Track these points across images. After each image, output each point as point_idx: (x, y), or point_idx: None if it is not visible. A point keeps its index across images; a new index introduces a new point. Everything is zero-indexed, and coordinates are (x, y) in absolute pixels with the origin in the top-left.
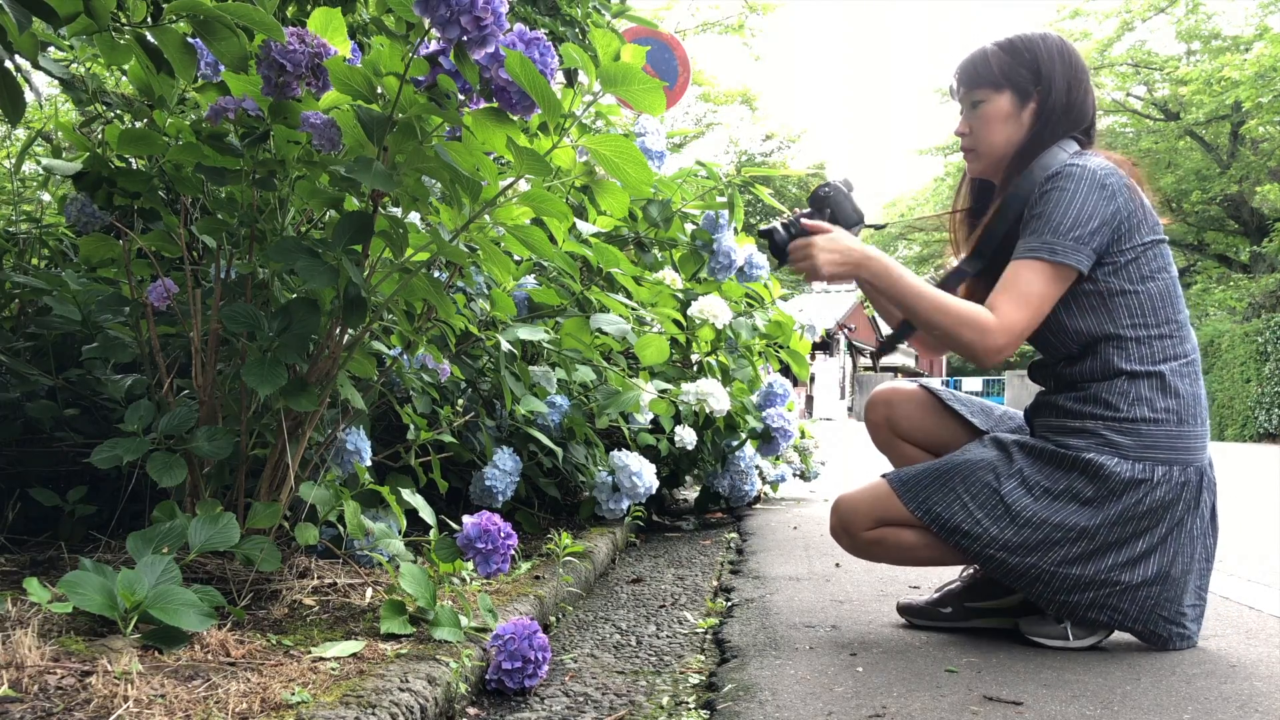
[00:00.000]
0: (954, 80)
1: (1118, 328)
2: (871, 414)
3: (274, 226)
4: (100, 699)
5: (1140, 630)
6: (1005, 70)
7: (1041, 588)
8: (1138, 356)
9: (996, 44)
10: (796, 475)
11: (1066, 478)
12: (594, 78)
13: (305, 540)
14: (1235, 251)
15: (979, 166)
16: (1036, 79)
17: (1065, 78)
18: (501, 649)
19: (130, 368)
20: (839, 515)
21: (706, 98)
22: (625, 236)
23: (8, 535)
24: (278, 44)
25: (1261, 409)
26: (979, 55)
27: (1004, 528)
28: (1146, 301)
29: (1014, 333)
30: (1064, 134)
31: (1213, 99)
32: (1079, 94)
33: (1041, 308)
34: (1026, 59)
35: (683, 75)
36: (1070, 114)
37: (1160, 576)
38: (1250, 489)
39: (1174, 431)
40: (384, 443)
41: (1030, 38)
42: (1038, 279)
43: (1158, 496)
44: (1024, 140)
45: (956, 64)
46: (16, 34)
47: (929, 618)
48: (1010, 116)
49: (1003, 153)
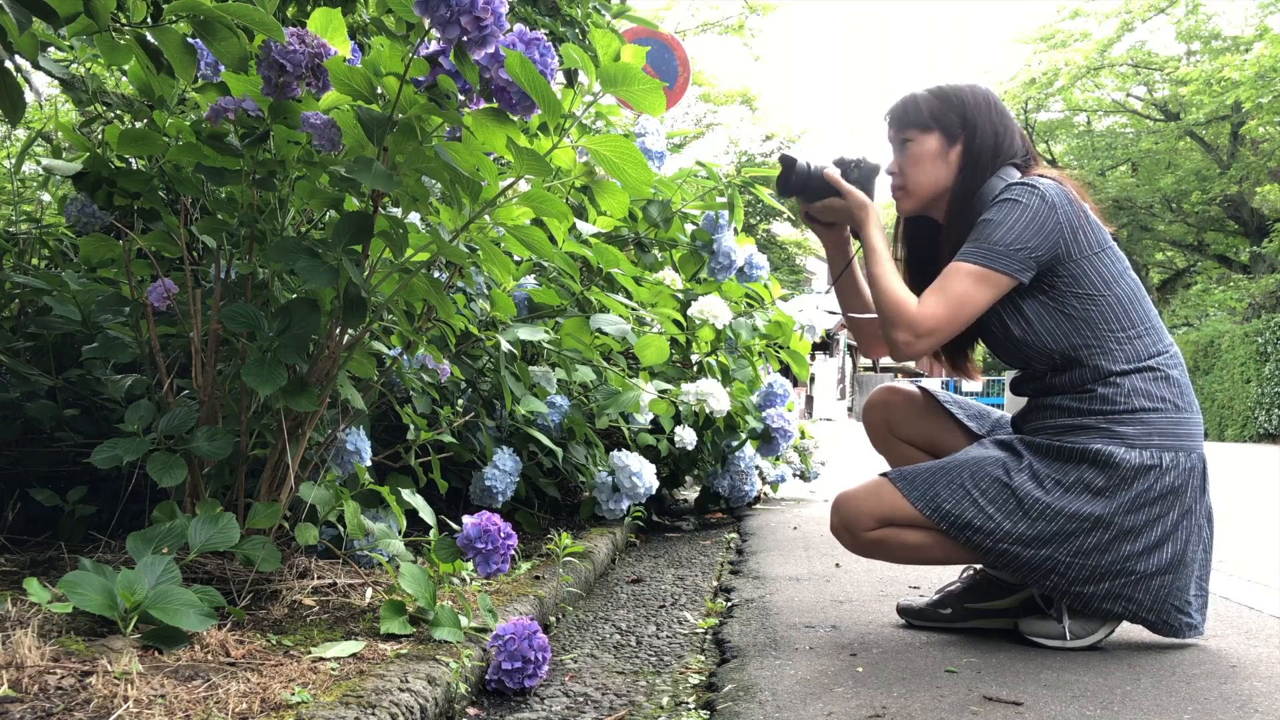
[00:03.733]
0: (885, 121)
1: (1096, 336)
2: (870, 416)
3: (274, 226)
4: (100, 699)
5: (1153, 620)
6: (934, 112)
7: (1056, 579)
8: (1124, 357)
9: (927, 90)
10: (796, 475)
11: (1076, 470)
12: (594, 78)
13: (305, 540)
14: (1235, 252)
15: (909, 205)
16: (963, 122)
17: (990, 122)
18: (501, 649)
19: (130, 368)
20: (840, 514)
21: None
22: (625, 237)
23: (8, 535)
24: (278, 44)
25: (1261, 409)
26: (909, 99)
27: (1017, 521)
28: (1116, 305)
29: (927, 327)
30: (997, 169)
31: (1213, 99)
32: (1005, 138)
33: (963, 308)
34: (954, 103)
35: (683, 75)
36: (999, 155)
37: (1173, 564)
38: (1250, 489)
39: (1174, 418)
40: (384, 443)
41: (959, 86)
42: (965, 280)
43: (1167, 482)
44: (953, 181)
45: (887, 108)
46: (16, 34)
47: (929, 619)
48: (938, 156)
49: (931, 191)
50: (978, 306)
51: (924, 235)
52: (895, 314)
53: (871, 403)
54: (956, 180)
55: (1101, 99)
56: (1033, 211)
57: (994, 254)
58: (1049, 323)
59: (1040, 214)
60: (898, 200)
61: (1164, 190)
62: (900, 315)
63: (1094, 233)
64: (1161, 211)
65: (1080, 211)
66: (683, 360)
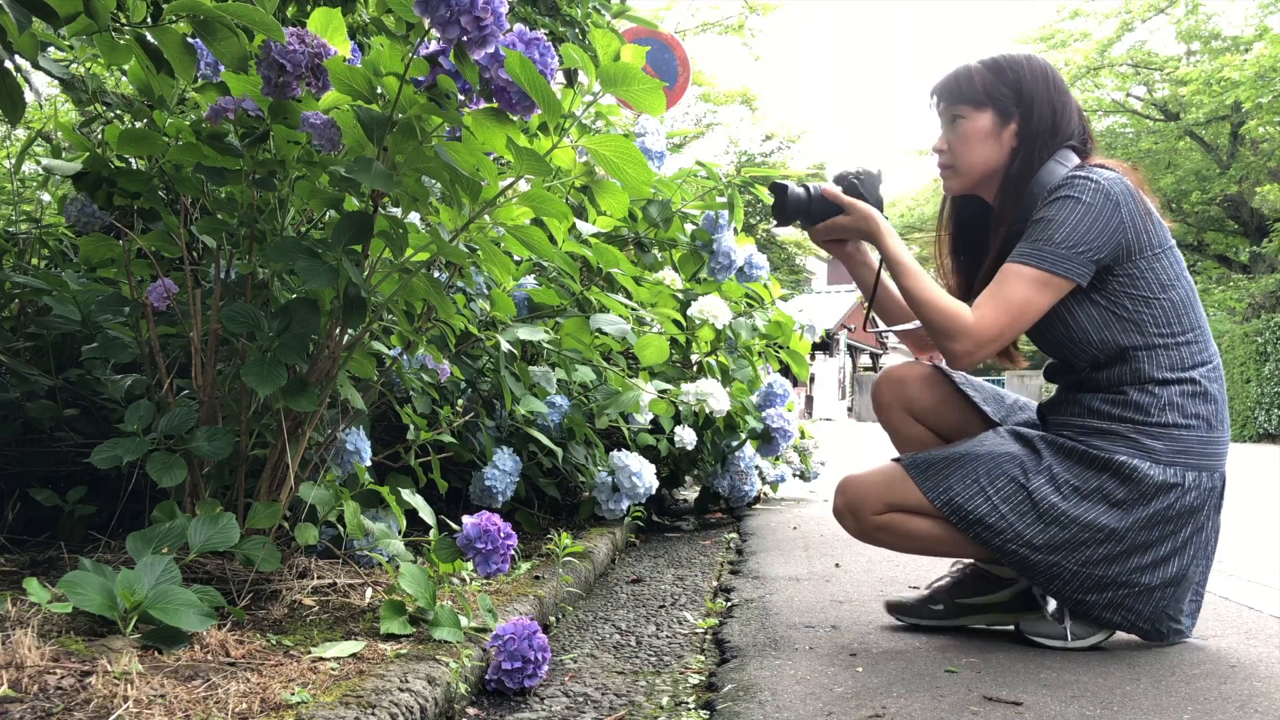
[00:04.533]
0: (934, 96)
1: (1145, 337)
2: (883, 392)
3: (274, 226)
4: (100, 699)
5: (1147, 629)
6: (988, 88)
7: (1061, 585)
8: (1168, 364)
9: (981, 62)
10: (796, 475)
11: (1097, 478)
12: (594, 78)
13: (305, 540)
14: (1235, 252)
15: (956, 184)
16: (1018, 99)
17: (1048, 100)
18: (501, 649)
19: (130, 368)
20: (846, 496)
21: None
22: (625, 236)
23: (8, 535)
24: (278, 44)
25: (1261, 409)
26: (962, 71)
27: (1029, 524)
28: (1170, 309)
29: (988, 336)
30: (1055, 150)
31: (1212, 99)
32: (1063, 116)
33: (1024, 315)
34: (1010, 79)
35: (683, 75)
36: (1057, 135)
37: (1177, 579)
38: (1250, 489)
39: (1205, 438)
40: (384, 443)
41: (1015, 59)
42: (1024, 285)
43: (1187, 502)
44: (1005, 161)
45: (937, 80)
46: (16, 34)
47: (920, 615)
48: (990, 135)
49: (980, 172)
50: (1039, 311)
51: (972, 213)
52: (950, 326)
53: (886, 379)
54: (1010, 161)
55: (1101, 99)
56: (1096, 210)
57: (1055, 257)
58: (1098, 322)
59: (1104, 212)
60: (945, 179)
61: (1164, 190)
62: (956, 326)
63: (1156, 232)
64: (1161, 211)
65: (1144, 209)
66: (683, 360)
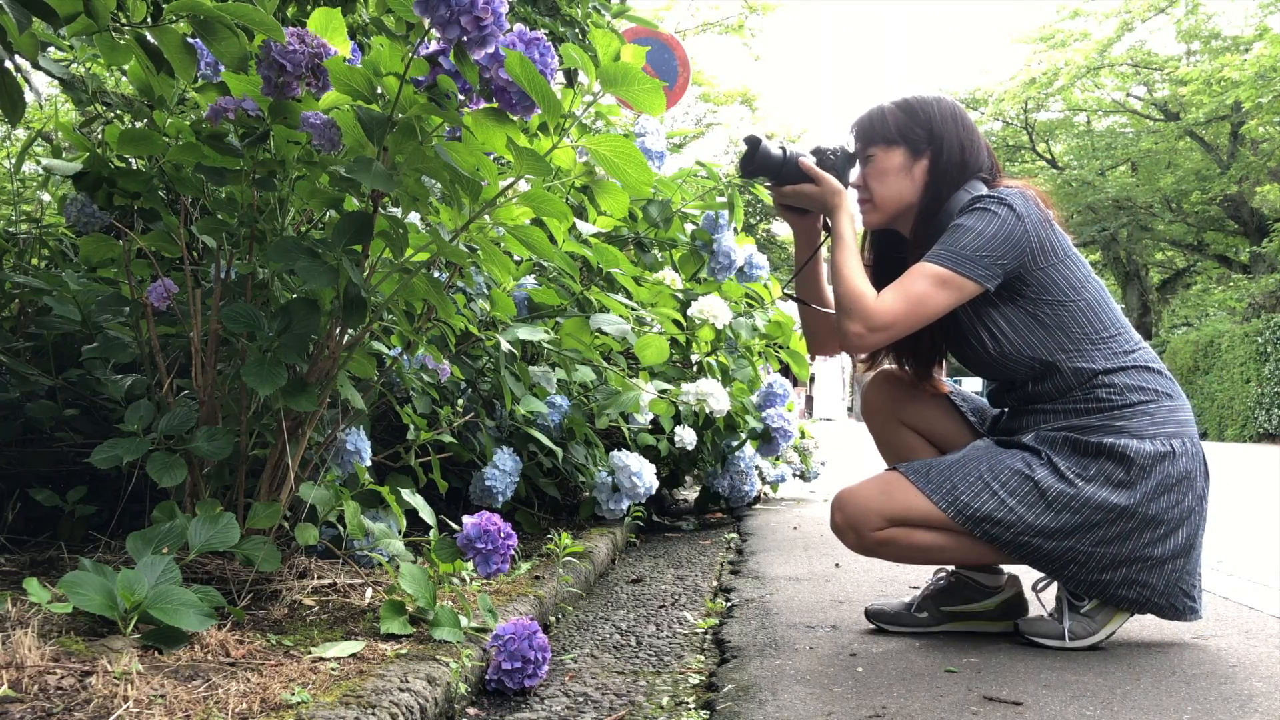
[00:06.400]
0: (852, 134)
1: (1072, 339)
2: (873, 396)
3: (274, 226)
4: (100, 699)
5: (1163, 605)
6: (900, 128)
7: (1075, 569)
8: (1103, 357)
9: (894, 103)
10: (796, 475)
11: (1095, 463)
12: (594, 78)
13: (305, 540)
14: (1235, 252)
15: (874, 218)
16: (930, 138)
17: (957, 137)
18: (501, 649)
19: (130, 368)
20: (845, 512)
21: (706, 98)
22: (625, 236)
23: (8, 535)
24: (278, 44)
25: (1261, 409)
26: (875, 112)
27: (1040, 513)
28: (1087, 309)
29: (882, 322)
30: (964, 183)
31: (1213, 99)
32: (971, 152)
33: (921, 307)
34: (921, 118)
35: (683, 75)
36: (965, 169)
37: (1185, 548)
38: (1250, 489)
39: (1170, 406)
40: (384, 443)
41: (926, 99)
42: (926, 281)
43: (1181, 467)
44: (919, 195)
45: (854, 118)
46: (16, 34)
47: (903, 624)
48: (902, 171)
49: (895, 206)
50: (937, 308)
51: (891, 247)
52: (853, 305)
53: (876, 381)
54: (922, 195)
55: (1101, 99)
56: (1001, 222)
57: (960, 258)
58: (1024, 332)
59: (1009, 225)
60: (864, 213)
61: (1164, 190)
62: (857, 306)
63: (1058, 240)
64: (1161, 211)
65: (1045, 219)
66: (683, 360)
